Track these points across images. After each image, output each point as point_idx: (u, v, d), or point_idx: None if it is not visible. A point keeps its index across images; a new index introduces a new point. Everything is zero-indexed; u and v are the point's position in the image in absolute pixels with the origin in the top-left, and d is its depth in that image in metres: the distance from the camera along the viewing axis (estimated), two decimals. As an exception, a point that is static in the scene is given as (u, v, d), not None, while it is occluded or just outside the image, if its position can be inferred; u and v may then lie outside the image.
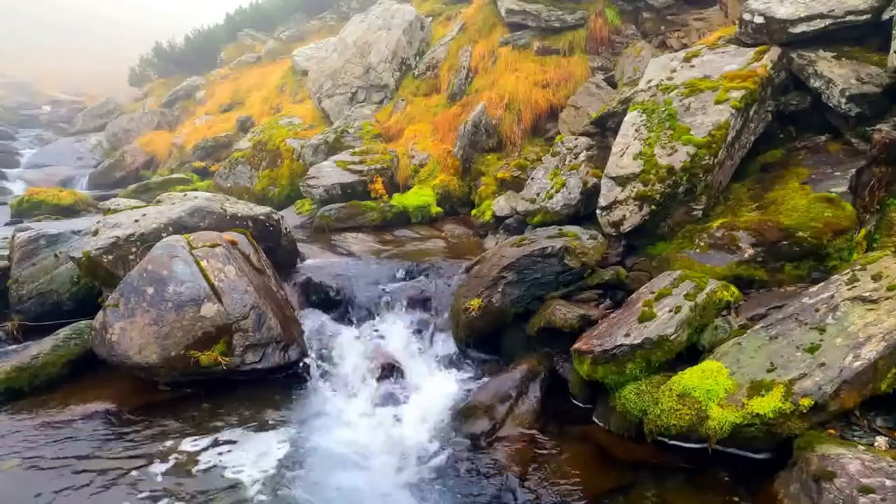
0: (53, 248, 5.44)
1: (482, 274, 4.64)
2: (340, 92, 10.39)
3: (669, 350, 3.51)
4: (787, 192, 4.42)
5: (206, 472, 3.31)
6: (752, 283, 4.07)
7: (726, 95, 4.76)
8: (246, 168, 9.86)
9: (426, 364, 4.61)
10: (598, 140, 6.09)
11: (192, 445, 3.54)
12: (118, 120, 16.55)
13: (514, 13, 8.47)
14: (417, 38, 10.45)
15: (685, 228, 4.67)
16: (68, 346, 4.41)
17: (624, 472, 3.24)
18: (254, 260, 4.80)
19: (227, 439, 3.61)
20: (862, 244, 3.96)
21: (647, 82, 5.45)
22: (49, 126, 20.25)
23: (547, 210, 5.57)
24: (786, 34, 4.97)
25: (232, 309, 4.19)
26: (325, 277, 5.36)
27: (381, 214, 7.20)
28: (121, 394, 4.08)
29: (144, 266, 4.25)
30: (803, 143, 4.95)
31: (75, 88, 26.41)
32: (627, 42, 7.92)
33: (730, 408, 3.08)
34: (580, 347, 3.74)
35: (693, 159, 4.54)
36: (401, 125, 9.09)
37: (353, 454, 3.55)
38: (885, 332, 3.00)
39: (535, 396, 3.95)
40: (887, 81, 4.45)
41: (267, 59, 15.95)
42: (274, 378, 4.31)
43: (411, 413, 4.00)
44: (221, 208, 5.28)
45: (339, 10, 16.61)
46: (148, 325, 4.02)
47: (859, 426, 2.96)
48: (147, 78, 20.63)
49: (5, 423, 3.74)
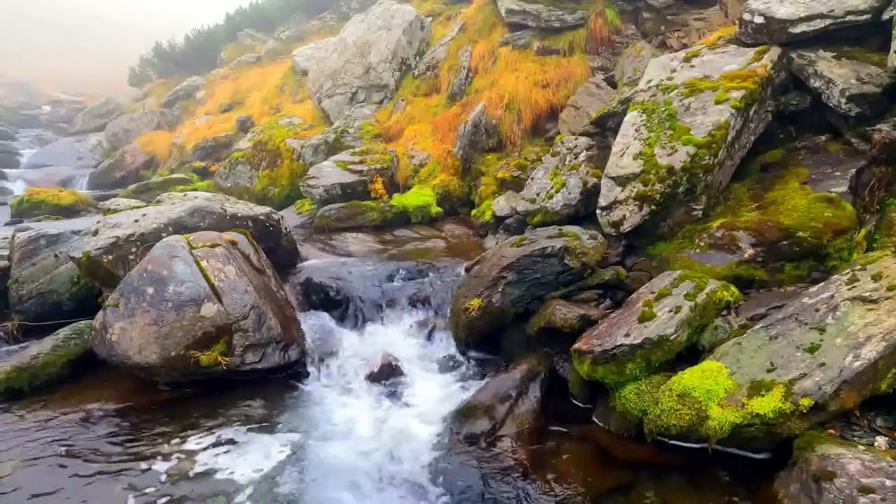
0: (53, 248, 5.44)
1: (482, 274, 4.64)
2: (340, 92, 10.39)
3: (669, 350, 3.51)
4: (787, 192, 4.42)
5: (205, 472, 3.31)
6: (752, 283, 4.07)
7: (726, 95, 4.76)
8: (246, 168, 9.86)
9: (426, 364, 4.61)
10: (598, 140, 6.09)
11: (192, 445, 3.54)
12: (118, 120, 16.56)
13: (514, 13, 8.48)
14: (417, 38, 10.45)
15: (685, 228, 4.67)
16: (68, 346, 4.41)
17: (624, 472, 3.23)
18: (254, 260, 4.80)
19: (227, 439, 3.61)
20: (862, 244, 3.96)
21: (647, 82, 5.45)
22: (49, 126, 20.27)
23: (547, 210, 5.58)
24: (786, 34, 4.97)
25: (232, 309, 4.19)
26: (324, 277, 5.36)
27: (381, 214, 7.20)
28: (121, 394, 4.08)
29: (144, 266, 4.25)
30: (803, 143, 4.95)
31: (75, 88, 26.42)
32: (627, 42, 7.93)
33: (730, 408, 3.08)
34: (580, 347, 3.74)
35: (693, 159, 4.54)
36: (401, 125, 9.09)
37: (353, 454, 3.55)
38: (885, 332, 3.00)
39: (535, 396, 3.95)
40: (887, 81, 4.45)
41: (267, 59, 15.96)
42: (274, 378, 4.31)
43: (411, 413, 4.00)
44: (221, 208, 5.28)
45: (339, 10, 16.62)
46: (148, 325, 4.02)
47: (859, 426, 2.95)
48: (147, 78, 20.64)
49: (5, 423, 3.74)
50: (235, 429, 3.72)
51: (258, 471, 3.33)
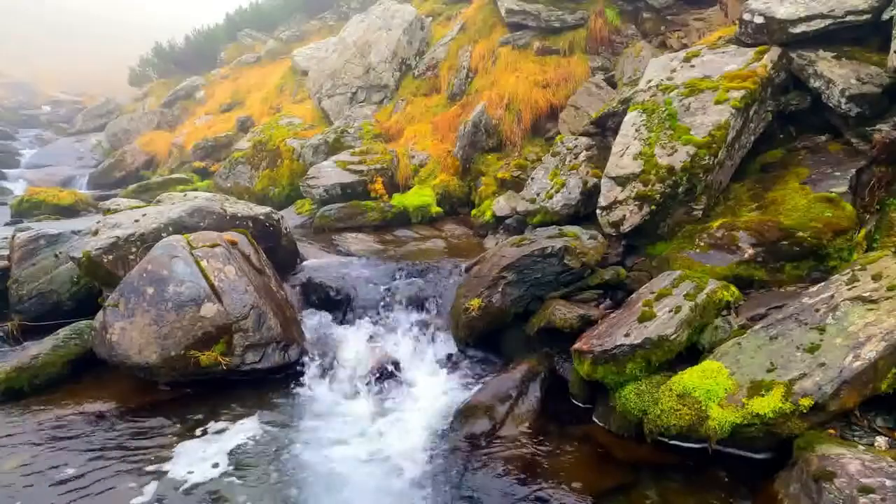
0: (53, 248, 5.44)
1: (482, 274, 4.64)
2: (340, 92, 10.39)
3: (669, 350, 3.50)
4: (787, 192, 4.42)
5: (205, 472, 3.31)
6: (752, 283, 4.07)
7: (726, 95, 4.76)
8: (246, 168, 9.86)
9: (426, 364, 4.60)
10: (598, 140, 6.09)
11: (193, 445, 3.54)
12: (118, 120, 16.57)
13: (514, 13, 8.47)
14: (417, 38, 10.45)
15: (685, 228, 4.67)
16: (68, 346, 4.41)
17: (624, 472, 3.23)
18: (254, 260, 4.80)
19: (227, 439, 3.61)
20: (862, 244, 3.96)
21: (647, 82, 5.45)
22: (49, 126, 20.28)
23: (547, 210, 5.57)
24: (786, 34, 4.97)
25: (232, 309, 4.19)
26: (324, 277, 5.36)
27: (381, 214, 7.20)
28: (121, 394, 4.08)
29: (144, 266, 4.25)
30: (803, 143, 4.95)
31: (75, 88, 26.43)
32: (627, 42, 7.93)
33: (730, 408, 3.08)
34: (580, 347, 3.74)
35: (693, 159, 4.54)
36: (401, 125, 9.09)
37: (353, 454, 3.55)
38: (885, 332, 3.00)
39: (535, 396, 3.95)
40: (887, 81, 4.45)
41: (267, 59, 15.96)
42: (274, 378, 4.31)
43: (411, 413, 4.00)
44: (221, 208, 5.28)
45: (339, 10, 16.62)
46: (148, 325, 4.02)
47: (859, 426, 2.95)
48: (147, 78, 20.64)
49: (6, 423, 3.75)
50: (235, 429, 3.72)
51: (258, 471, 3.33)
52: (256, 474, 3.31)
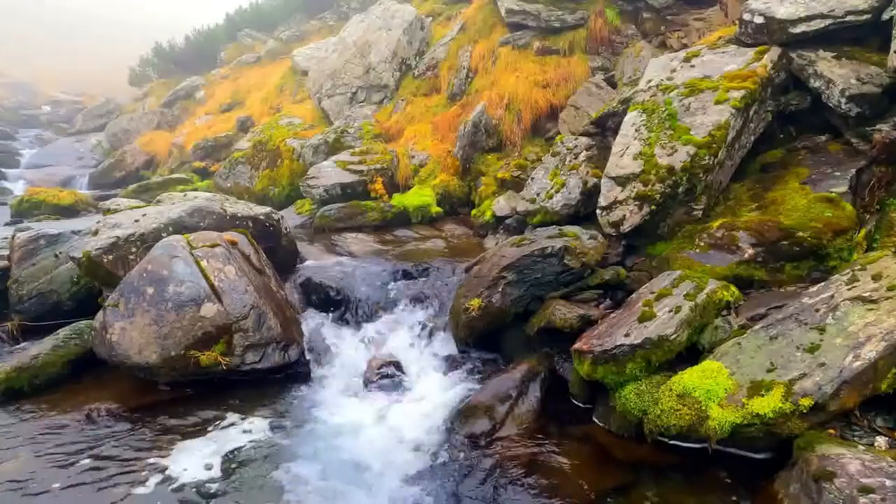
0: (53, 248, 5.44)
1: (482, 274, 4.64)
2: (340, 92, 10.39)
3: (669, 350, 3.51)
4: (787, 192, 4.42)
5: (205, 472, 3.31)
6: (752, 283, 4.07)
7: (726, 95, 4.76)
8: (246, 168, 9.86)
9: (426, 364, 4.60)
10: (598, 140, 6.09)
11: (193, 445, 3.54)
12: (118, 120, 16.56)
13: (514, 13, 8.47)
14: (417, 38, 10.45)
15: (685, 228, 4.67)
16: (68, 346, 4.42)
17: (624, 472, 3.23)
18: (254, 260, 4.80)
19: (227, 439, 3.61)
20: (862, 244, 3.96)
21: (647, 82, 5.45)
22: (49, 126, 20.27)
23: (547, 210, 5.57)
24: (786, 34, 4.97)
25: (232, 309, 4.19)
26: (325, 277, 5.36)
27: (381, 214, 7.20)
28: (121, 394, 4.08)
29: (144, 266, 4.25)
30: (803, 143, 4.95)
31: (75, 88, 26.43)
32: (627, 42, 7.93)
33: (730, 408, 3.08)
34: (580, 347, 3.74)
35: (693, 159, 4.54)
36: (401, 125, 9.09)
37: (353, 454, 3.55)
38: (885, 332, 3.00)
39: (535, 396, 3.95)
40: (887, 81, 4.45)
41: (267, 59, 15.96)
42: (274, 378, 4.31)
43: (411, 413, 4.00)
44: (221, 208, 5.28)
45: (339, 10, 16.61)
46: (148, 325, 4.02)
47: (859, 426, 2.95)
48: (147, 78, 20.64)
49: (6, 423, 3.75)
50: (235, 429, 3.72)
51: (258, 471, 3.33)
52: (256, 474, 3.31)
